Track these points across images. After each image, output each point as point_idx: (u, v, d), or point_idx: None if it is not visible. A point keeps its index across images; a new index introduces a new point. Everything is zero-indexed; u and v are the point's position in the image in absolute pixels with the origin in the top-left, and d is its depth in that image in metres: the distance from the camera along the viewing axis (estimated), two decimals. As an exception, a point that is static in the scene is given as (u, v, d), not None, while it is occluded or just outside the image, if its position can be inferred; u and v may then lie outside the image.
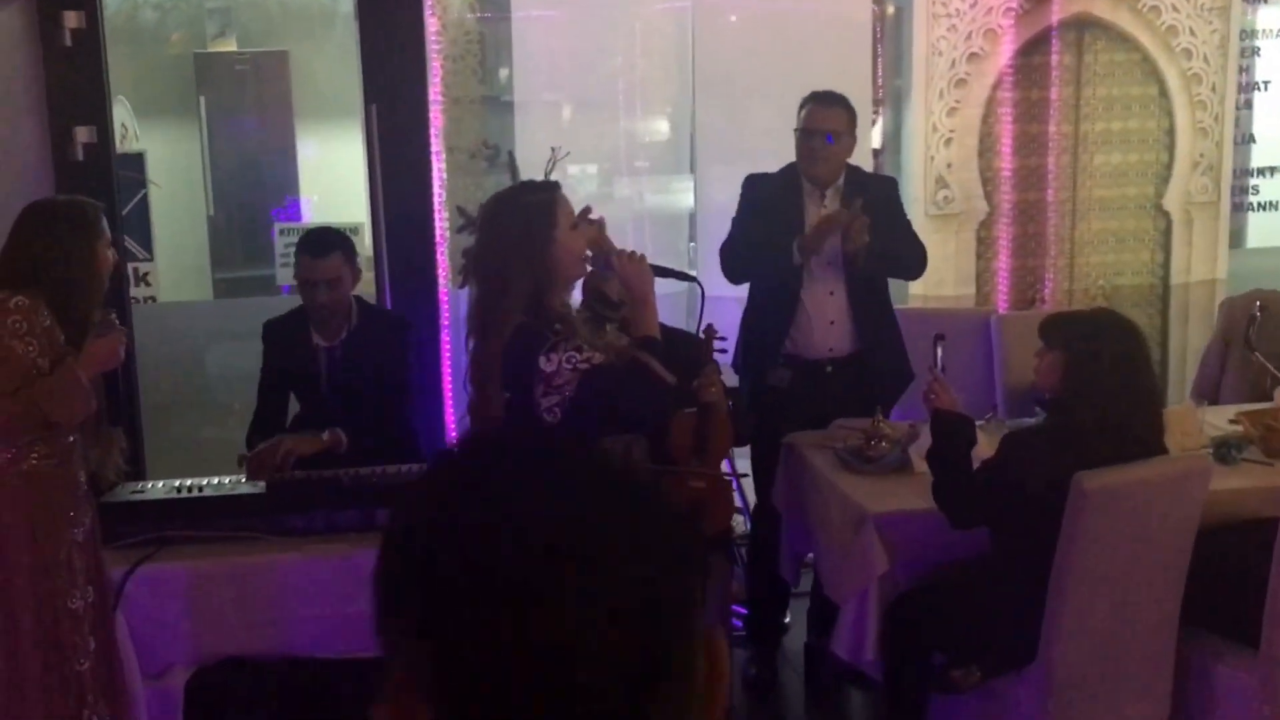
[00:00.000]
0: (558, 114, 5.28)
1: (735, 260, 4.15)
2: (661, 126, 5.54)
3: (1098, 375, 3.15)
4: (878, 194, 4.16)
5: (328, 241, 3.86)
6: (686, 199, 5.51)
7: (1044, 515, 3.07)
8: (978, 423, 3.57)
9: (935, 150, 5.25)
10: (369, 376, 3.83)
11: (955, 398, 3.37)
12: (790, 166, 4.15)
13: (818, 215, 4.07)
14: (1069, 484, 3.02)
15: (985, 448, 3.40)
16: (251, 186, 6.99)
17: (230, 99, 6.95)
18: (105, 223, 3.23)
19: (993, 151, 5.28)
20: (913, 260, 4.25)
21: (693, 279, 3.24)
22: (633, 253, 2.88)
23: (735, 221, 4.20)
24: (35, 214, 3.17)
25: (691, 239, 5.47)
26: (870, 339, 4.13)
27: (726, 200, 4.40)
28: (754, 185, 4.20)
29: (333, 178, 6.98)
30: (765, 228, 4.09)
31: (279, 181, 6.95)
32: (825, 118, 4.05)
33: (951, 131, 5.24)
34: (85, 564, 3.12)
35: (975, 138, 5.26)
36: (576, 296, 3.04)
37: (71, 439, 3.11)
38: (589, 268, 2.89)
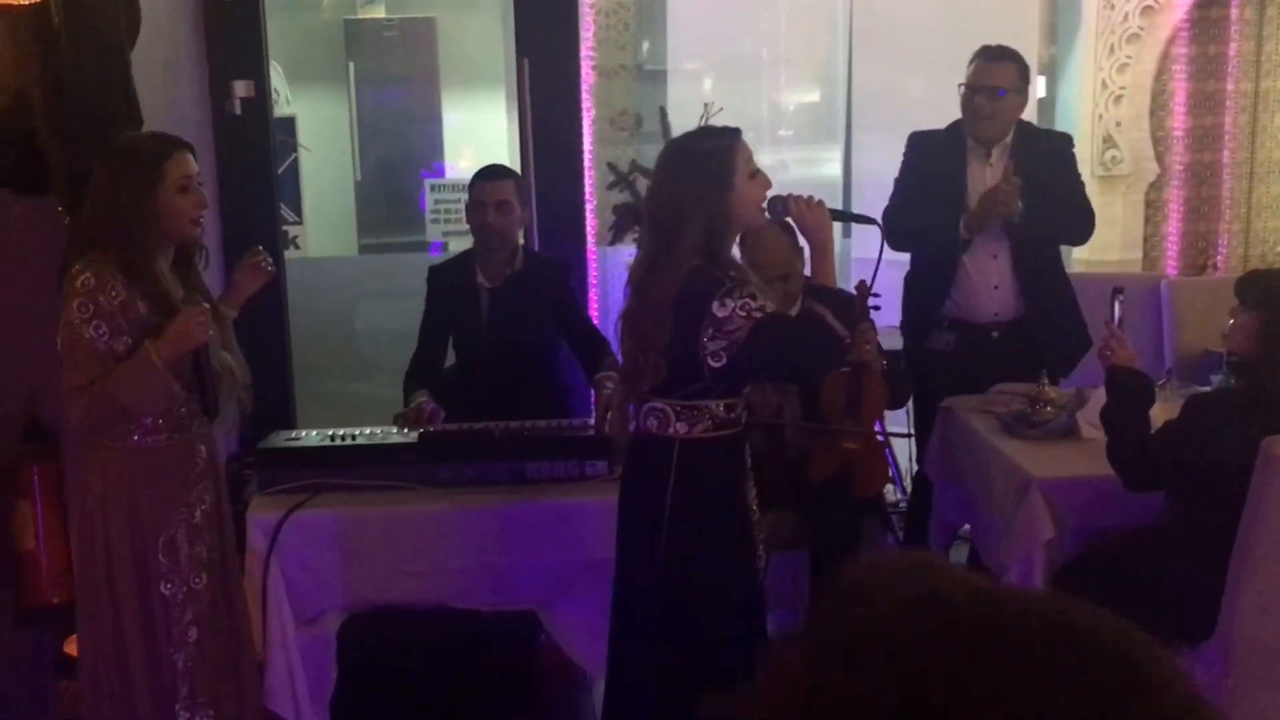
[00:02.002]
0: (710, 80, 5.20)
1: (900, 231, 3.99)
2: (811, 93, 5.40)
3: None
4: (1049, 150, 3.99)
5: (502, 169, 3.95)
6: (834, 168, 5.37)
7: (1229, 482, 2.90)
8: (1152, 387, 3.38)
9: (1104, 108, 5.03)
10: (529, 319, 3.82)
11: (1133, 353, 3.19)
12: (956, 123, 4.01)
13: (982, 174, 3.93)
14: (1258, 450, 2.84)
15: (1160, 414, 3.22)
16: (398, 152, 7.06)
17: (378, 65, 7.02)
18: (184, 160, 2.76)
19: (1165, 110, 5.05)
20: (1078, 223, 4.04)
21: (873, 222, 3.15)
22: (810, 198, 2.80)
23: (897, 182, 4.08)
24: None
25: (843, 207, 5.32)
26: (1038, 304, 3.96)
27: (882, 167, 4.26)
28: (918, 143, 4.07)
29: (477, 144, 7.01)
30: (927, 187, 3.96)
31: (425, 147, 7.01)
32: (994, 73, 3.88)
33: (1122, 89, 5.01)
34: (193, 549, 2.86)
35: (1147, 95, 5.03)
36: None
37: (184, 409, 2.84)
38: (766, 216, 2.81)
